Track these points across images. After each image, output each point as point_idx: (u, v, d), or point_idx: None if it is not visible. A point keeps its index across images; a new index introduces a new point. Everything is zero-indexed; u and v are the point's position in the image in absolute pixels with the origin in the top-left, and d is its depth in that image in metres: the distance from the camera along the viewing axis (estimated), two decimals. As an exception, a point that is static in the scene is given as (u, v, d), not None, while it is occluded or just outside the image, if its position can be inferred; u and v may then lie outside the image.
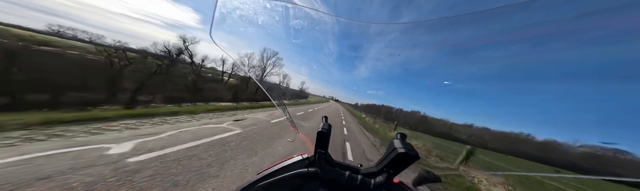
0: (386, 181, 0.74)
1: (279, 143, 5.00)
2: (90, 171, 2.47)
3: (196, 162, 3.16)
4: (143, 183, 2.37)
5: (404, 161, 0.74)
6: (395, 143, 0.77)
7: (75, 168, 2.49)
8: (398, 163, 0.75)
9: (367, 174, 0.84)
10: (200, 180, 2.67)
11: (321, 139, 0.87)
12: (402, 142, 0.78)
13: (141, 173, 2.60)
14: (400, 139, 0.80)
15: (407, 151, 0.71)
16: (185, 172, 2.80)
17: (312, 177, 0.74)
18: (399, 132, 0.89)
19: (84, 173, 2.41)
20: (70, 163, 2.61)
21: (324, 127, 0.88)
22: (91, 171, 2.48)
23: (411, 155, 0.71)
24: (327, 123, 0.93)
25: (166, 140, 3.93)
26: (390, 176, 0.75)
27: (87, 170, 2.49)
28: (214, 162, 3.26)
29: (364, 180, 0.76)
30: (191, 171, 2.84)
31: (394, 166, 0.76)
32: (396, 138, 0.82)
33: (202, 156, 3.45)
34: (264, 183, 0.74)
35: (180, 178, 2.61)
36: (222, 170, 3.03)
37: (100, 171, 2.50)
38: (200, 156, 3.42)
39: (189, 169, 2.89)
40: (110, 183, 2.31)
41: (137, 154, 3.12)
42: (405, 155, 0.71)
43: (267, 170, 0.89)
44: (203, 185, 2.56)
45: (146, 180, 2.45)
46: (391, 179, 0.76)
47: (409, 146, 0.74)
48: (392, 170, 0.77)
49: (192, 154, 3.44)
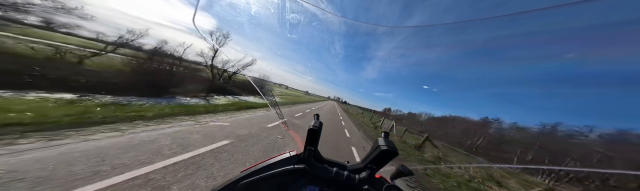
0: (369, 176, 0.80)
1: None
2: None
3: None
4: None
5: (386, 158, 0.81)
6: (379, 141, 0.84)
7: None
8: (380, 159, 0.82)
9: (353, 170, 0.89)
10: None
11: (311, 136, 0.89)
12: (386, 139, 0.84)
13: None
14: (384, 137, 0.87)
15: (389, 148, 0.78)
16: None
17: (300, 174, 0.76)
18: (383, 131, 0.95)
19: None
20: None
21: (315, 125, 0.91)
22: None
23: (392, 152, 0.78)
24: (319, 121, 0.97)
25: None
26: (373, 172, 0.82)
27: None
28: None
29: (349, 175, 0.82)
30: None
31: (377, 162, 0.83)
32: (380, 137, 0.89)
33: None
34: (249, 180, 0.72)
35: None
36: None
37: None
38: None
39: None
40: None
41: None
42: (387, 152, 0.78)
43: (252, 167, 0.87)
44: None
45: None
46: (373, 174, 0.82)
47: (391, 143, 0.81)
48: (375, 165, 0.83)
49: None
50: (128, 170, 2.52)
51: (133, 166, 2.64)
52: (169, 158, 3.02)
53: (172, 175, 2.61)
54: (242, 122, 6.53)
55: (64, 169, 2.32)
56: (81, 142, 3.10)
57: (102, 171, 2.40)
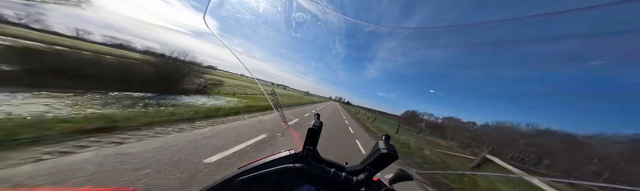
0: (367, 179, 0.79)
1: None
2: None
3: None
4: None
5: (385, 161, 0.80)
6: (379, 144, 0.82)
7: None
8: (380, 162, 0.81)
9: (351, 172, 0.88)
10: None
11: (311, 136, 0.89)
12: (386, 143, 0.83)
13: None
14: (384, 141, 0.86)
15: (389, 152, 0.77)
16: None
17: (298, 173, 0.76)
18: (384, 134, 0.93)
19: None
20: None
21: (315, 124, 0.91)
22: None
23: (391, 155, 0.77)
24: (319, 120, 0.97)
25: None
26: (371, 174, 0.81)
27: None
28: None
29: (347, 177, 0.81)
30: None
31: (376, 165, 0.82)
32: (381, 140, 0.87)
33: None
34: (246, 177, 0.71)
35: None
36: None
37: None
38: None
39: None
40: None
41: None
42: (386, 155, 0.77)
43: (250, 164, 0.87)
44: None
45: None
46: (371, 177, 0.81)
47: (391, 147, 0.80)
48: (374, 168, 0.82)
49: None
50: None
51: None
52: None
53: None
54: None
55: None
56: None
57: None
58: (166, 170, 2.55)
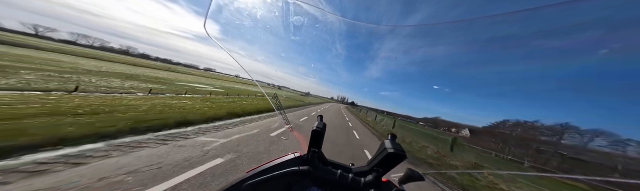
0: (375, 180, 0.78)
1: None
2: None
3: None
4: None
5: (393, 161, 0.77)
6: (385, 144, 0.80)
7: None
8: (387, 162, 0.78)
9: (358, 173, 0.86)
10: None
11: (315, 138, 0.88)
12: (392, 142, 0.81)
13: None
14: (390, 140, 0.84)
15: (396, 151, 0.74)
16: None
17: (304, 175, 0.75)
18: (390, 132, 0.91)
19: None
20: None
21: (319, 126, 0.89)
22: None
23: (399, 155, 0.75)
24: (322, 122, 0.95)
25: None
26: (379, 175, 0.79)
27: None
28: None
29: (354, 178, 0.79)
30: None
31: (384, 165, 0.80)
32: (387, 139, 0.85)
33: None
34: (254, 181, 0.71)
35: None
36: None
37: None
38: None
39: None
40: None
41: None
42: (394, 155, 0.75)
43: (257, 168, 0.87)
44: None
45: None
46: (380, 178, 0.79)
47: (398, 146, 0.78)
48: (382, 169, 0.80)
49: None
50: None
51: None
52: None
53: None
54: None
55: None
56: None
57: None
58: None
